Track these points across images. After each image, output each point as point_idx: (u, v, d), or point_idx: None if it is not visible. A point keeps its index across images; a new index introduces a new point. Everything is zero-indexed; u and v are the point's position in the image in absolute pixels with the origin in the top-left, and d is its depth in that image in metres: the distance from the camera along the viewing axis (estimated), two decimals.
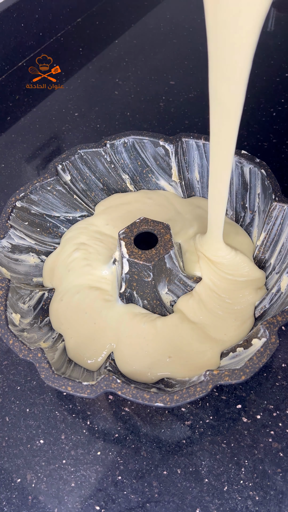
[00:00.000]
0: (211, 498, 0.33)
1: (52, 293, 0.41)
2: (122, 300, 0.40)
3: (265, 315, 0.39)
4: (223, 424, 0.36)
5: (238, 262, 0.40)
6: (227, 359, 0.36)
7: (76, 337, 0.38)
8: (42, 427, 0.36)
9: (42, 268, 0.43)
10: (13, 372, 0.39)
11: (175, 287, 0.39)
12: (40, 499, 0.33)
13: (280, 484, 0.33)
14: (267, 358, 0.31)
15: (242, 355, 0.34)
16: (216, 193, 0.36)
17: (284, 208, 0.39)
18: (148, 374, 0.36)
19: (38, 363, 0.32)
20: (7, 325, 0.34)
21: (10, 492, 0.34)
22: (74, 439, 0.36)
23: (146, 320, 0.38)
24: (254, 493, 0.33)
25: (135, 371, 0.36)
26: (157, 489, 0.33)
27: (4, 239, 0.40)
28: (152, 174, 0.47)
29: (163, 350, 0.37)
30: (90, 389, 0.31)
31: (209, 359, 0.36)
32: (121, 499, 0.33)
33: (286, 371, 0.38)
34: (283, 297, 0.37)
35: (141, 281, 0.37)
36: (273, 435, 0.35)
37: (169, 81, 0.65)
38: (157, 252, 0.36)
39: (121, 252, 0.37)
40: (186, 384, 0.33)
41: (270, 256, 0.41)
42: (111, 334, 0.38)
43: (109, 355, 0.37)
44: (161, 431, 0.36)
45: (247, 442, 0.35)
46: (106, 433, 0.36)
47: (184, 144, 0.44)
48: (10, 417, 0.37)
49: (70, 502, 0.33)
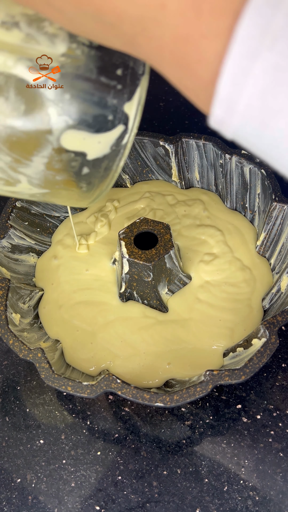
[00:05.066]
0: (211, 498, 0.33)
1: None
2: (122, 300, 0.40)
3: (265, 315, 0.39)
4: (223, 424, 0.36)
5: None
6: (227, 359, 0.36)
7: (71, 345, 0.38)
8: (42, 427, 0.36)
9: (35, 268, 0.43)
10: (13, 372, 0.39)
11: (175, 287, 0.39)
12: (40, 499, 0.33)
13: (280, 484, 0.33)
14: (267, 358, 0.31)
15: (242, 355, 0.34)
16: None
17: (284, 208, 0.39)
18: (149, 382, 0.36)
19: (38, 363, 0.32)
20: (7, 325, 0.34)
21: (10, 492, 0.34)
22: (74, 439, 0.36)
23: (141, 328, 0.38)
24: (254, 493, 0.33)
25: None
26: (157, 489, 0.33)
27: (4, 239, 0.40)
28: (152, 174, 0.47)
29: (161, 358, 0.37)
30: (90, 389, 0.31)
31: (211, 358, 0.36)
32: (121, 499, 0.33)
33: (286, 371, 0.38)
34: (283, 297, 0.37)
35: (141, 281, 0.37)
36: (273, 435, 0.35)
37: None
38: (157, 252, 0.36)
39: (121, 252, 0.37)
40: (186, 384, 0.33)
41: (270, 256, 0.41)
42: (106, 353, 0.37)
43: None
44: (161, 431, 0.36)
45: (247, 442, 0.35)
46: (106, 433, 0.36)
47: (184, 144, 0.44)
48: (10, 417, 0.37)
49: (70, 502, 0.33)
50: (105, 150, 0.24)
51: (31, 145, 0.23)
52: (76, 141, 0.23)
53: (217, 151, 0.42)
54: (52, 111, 0.22)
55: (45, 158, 0.23)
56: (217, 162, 0.43)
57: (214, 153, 0.43)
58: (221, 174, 0.44)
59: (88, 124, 0.22)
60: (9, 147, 0.23)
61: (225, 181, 0.44)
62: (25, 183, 0.25)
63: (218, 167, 0.43)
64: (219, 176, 0.44)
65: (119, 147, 0.24)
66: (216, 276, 0.40)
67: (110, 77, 0.22)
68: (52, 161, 0.24)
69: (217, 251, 0.41)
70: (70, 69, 0.22)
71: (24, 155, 0.23)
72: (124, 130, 0.23)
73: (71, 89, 0.22)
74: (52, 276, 0.42)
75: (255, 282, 0.40)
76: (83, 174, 0.25)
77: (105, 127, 0.23)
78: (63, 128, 0.22)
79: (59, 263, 0.42)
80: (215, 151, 0.42)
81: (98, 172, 0.25)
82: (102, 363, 0.37)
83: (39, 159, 0.23)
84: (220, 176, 0.44)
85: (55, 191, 0.26)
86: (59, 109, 0.22)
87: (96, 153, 0.24)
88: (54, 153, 0.23)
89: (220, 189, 0.45)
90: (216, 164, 0.43)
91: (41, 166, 0.24)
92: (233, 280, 0.40)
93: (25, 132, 0.22)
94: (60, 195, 0.27)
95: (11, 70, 0.21)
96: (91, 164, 0.24)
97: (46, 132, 0.22)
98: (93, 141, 0.23)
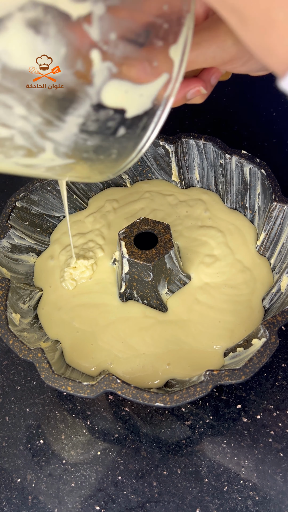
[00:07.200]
0: (211, 498, 0.33)
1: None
2: (122, 300, 0.40)
3: (265, 315, 0.39)
4: (223, 424, 0.36)
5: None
6: (227, 359, 0.36)
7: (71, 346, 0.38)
8: (42, 427, 0.36)
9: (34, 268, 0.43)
10: (13, 372, 0.39)
11: (175, 287, 0.39)
12: (40, 499, 0.33)
13: (280, 484, 0.33)
14: (267, 358, 0.31)
15: (242, 355, 0.34)
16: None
17: (284, 208, 0.39)
18: (149, 383, 0.36)
19: (38, 363, 0.32)
20: (7, 325, 0.34)
21: (10, 492, 0.34)
22: (74, 439, 0.36)
23: (141, 329, 0.38)
24: (254, 493, 0.33)
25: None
26: (157, 489, 0.33)
27: (4, 239, 0.40)
28: (152, 174, 0.47)
29: (161, 359, 0.37)
30: (90, 389, 0.31)
31: (211, 359, 0.36)
32: (121, 499, 0.33)
33: (286, 371, 0.38)
34: (283, 297, 0.37)
35: (141, 281, 0.37)
36: (273, 435, 0.35)
37: None
38: (157, 252, 0.36)
39: (121, 252, 0.37)
40: (186, 384, 0.33)
41: (270, 256, 0.41)
42: (106, 354, 0.37)
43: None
44: (161, 431, 0.36)
45: (247, 442, 0.35)
46: (106, 433, 0.36)
47: (184, 144, 0.44)
48: (10, 417, 0.37)
49: (70, 502, 0.33)
50: (146, 104, 0.21)
51: (67, 101, 0.20)
52: (118, 95, 0.20)
53: (217, 151, 0.42)
54: (96, 56, 0.19)
55: (81, 117, 0.20)
56: (217, 162, 0.43)
57: (214, 153, 0.43)
58: (221, 174, 0.44)
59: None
60: (41, 104, 0.20)
61: (225, 181, 0.44)
62: (49, 152, 0.22)
63: (218, 167, 0.43)
64: (219, 176, 0.44)
65: (161, 100, 0.21)
66: (216, 278, 0.40)
67: (157, 12, 0.19)
68: (88, 121, 0.21)
69: (218, 253, 0.41)
70: (116, 1, 0.18)
71: (57, 114, 0.20)
72: (168, 79, 0.21)
73: (117, 27, 0.19)
74: (49, 277, 0.42)
75: (255, 283, 0.40)
76: (118, 136, 0.22)
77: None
78: (106, 77, 0.19)
79: (55, 264, 0.42)
80: (215, 151, 0.42)
81: (134, 133, 0.22)
82: (102, 364, 0.37)
83: (73, 119, 0.20)
84: (220, 176, 0.44)
85: (79, 162, 0.23)
86: (103, 53, 0.19)
87: (136, 109, 0.21)
88: (91, 110, 0.20)
89: (220, 189, 0.45)
90: (216, 164, 0.43)
91: (74, 129, 0.21)
92: (233, 282, 0.40)
93: (63, 83, 0.19)
94: (83, 166, 0.24)
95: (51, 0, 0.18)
96: (129, 123, 0.21)
97: (86, 83, 0.19)
98: (135, 94, 0.20)
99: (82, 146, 0.22)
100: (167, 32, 0.20)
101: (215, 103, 0.57)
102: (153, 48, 0.20)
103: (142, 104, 0.21)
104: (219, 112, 0.57)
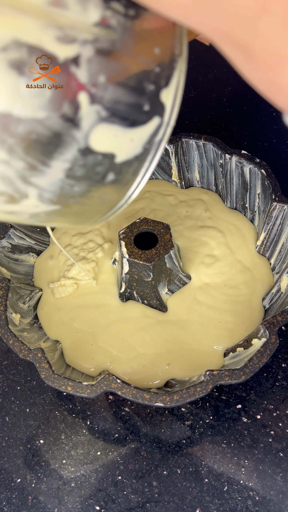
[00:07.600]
0: (211, 498, 0.33)
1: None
2: (122, 300, 0.40)
3: (265, 315, 0.39)
4: (223, 424, 0.36)
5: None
6: (227, 359, 0.36)
7: (71, 346, 0.38)
8: (42, 427, 0.36)
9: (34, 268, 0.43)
10: (13, 372, 0.39)
11: (175, 287, 0.39)
12: (40, 499, 0.33)
13: (280, 484, 0.33)
14: (267, 358, 0.31)
15: (242, 355, 0.34)
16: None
17: (284, 208, 0.39)
18: (149, 383, 0.36)
19: (38, 363, 0.32)
20: (7, 325, 0.34)
21: (10, 492, 0.34)
22: (74, 439, 0.36)
23: (141, 329, 0.38)
24: (254, 493, 0.33)
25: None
26: (157, 489, 0.33)
27: (4, 239, 0.40)
28: (152, 174, 0.47)
29: (161, 359, 0.37)
30: (90, 389, 0.31)
31: (211, 359, 0.36)
32: (121, 499, 0.33)
33: (286, 371, 0.38)
34: (283, 297, 0.37)
35: (141, 281, 0.37)
36: (273, 435, 0.35)
37: None
38: (157, 252, 0.36)
39: (121, 252, 0.37)
40: (186, 384, 0.33)
41: (270, 256, 0.41)
42: (106, 354, 0.37)
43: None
44: (161, 431, 0.36)
45: (247, 442, 0.35)
46: (106, 433, 0.36)
47: (184, 144, 0.44)
48: (10, 417, 0.37)
49: (70, 502, 0.33)
50: (136, 149, 0.20)
51: (53, 145, 0.19)
52: (107, 139, 0.19)
53: (217, 151, 0.42)
54: (84, 98, 0.18)
55: (67, 162, 0.19)
56: (217, 162, 0.43)
57: (214, 153, 0.43)
58: (221, 174, 0.44)
59: (122, 116, 0.19)
60: (25, 148, 0.18)
61: (225, 181, 0.44)
62: (33, 198, 0.20)
63: (218, 167, 0.43)
64: (219, 176, 0.44)
65: (152, 145, 0.21)
66: (216, 278, 0.40)
67: (149, 56, 0.19)
68: (74, 167, 0.20)
69: (218, 253, 0.41)
70: (105, 44, 0.18)
71: (42, 158, 0.19)
72: (159, 124, 0.20)
73: (107, 70, 0.18)
74: (48, 277, 0.42)
75: (255, 283, 0.40)
76: (107, 182, 0.21)
77: (140, 119, 0.20)
78: (94, 121, 0.19)
79: (55, 264, 0.42)
80: (215, 151, 0.42)
81: (124, 179, 0.21)
82: (102, 364, 0.37)
83: (59, 164, 0.19)
84: (220, 176, 0.44)
85: (65, 208, 0.22)
86: (92, 96, 0.18)
87: (126, 154, 0.20)
88: (79, 155, 0.19)
89: (220, 189, 0.45)
90: (216, 164, 0.43)
91: (60, 174, 0.20)
92: (233, 282, 0.40)
93: (48, 126, 0.18)
94: (69, 212, 0.23)
95: (37, 40, 0.17)
96: (119, 169, 0.21)
97: (74, 127, 0.18)
98: (125, 139, 0.20)
99: (69, 192, 0.21)
100: (159, 76, 0.19)
101: (215, 103, 0.57)
102: (144, 91, 0.19)
103: (133, 149, 0.20)
104: (219, 112, 0.57)
